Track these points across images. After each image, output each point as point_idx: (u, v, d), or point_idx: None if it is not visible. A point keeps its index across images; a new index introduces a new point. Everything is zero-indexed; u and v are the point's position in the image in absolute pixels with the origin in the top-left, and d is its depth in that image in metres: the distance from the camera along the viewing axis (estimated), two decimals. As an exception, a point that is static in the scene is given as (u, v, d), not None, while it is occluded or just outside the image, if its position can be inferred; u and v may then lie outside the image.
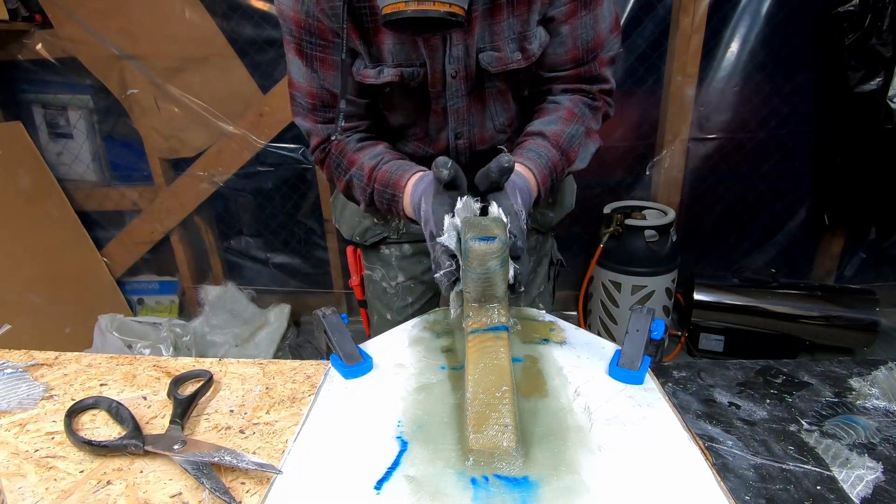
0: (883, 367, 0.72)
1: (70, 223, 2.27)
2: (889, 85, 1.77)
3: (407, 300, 1.15)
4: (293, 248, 2.42)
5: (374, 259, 1.14)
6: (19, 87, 2.18)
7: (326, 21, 0.78)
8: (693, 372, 0.74)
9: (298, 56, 0.82)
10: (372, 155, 0.86)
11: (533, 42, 0.81)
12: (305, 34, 0.80)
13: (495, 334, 0.68)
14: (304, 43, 0.80)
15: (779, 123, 2.05)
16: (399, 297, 1.14)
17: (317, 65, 0.82)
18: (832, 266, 2.25)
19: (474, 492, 0.52)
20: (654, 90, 2.07)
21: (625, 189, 2.23)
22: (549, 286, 1.20)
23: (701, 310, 2.06)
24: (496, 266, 0.66)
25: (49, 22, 2.01)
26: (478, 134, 0.91)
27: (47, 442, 0.61)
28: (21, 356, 0.78)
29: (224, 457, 0.55)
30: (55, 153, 2.26)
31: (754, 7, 1.89)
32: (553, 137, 0.84)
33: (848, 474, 0.55)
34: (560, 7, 0.80)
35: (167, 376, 0.73)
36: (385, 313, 1.17)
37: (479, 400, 0.60)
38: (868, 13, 1.74)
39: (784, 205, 2.18)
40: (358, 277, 1.27)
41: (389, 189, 0.82)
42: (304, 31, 0.79)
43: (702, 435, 0.61)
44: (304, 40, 0.80)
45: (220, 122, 2.12)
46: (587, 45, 0.83)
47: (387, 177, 0.82)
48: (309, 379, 0.72)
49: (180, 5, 1.96)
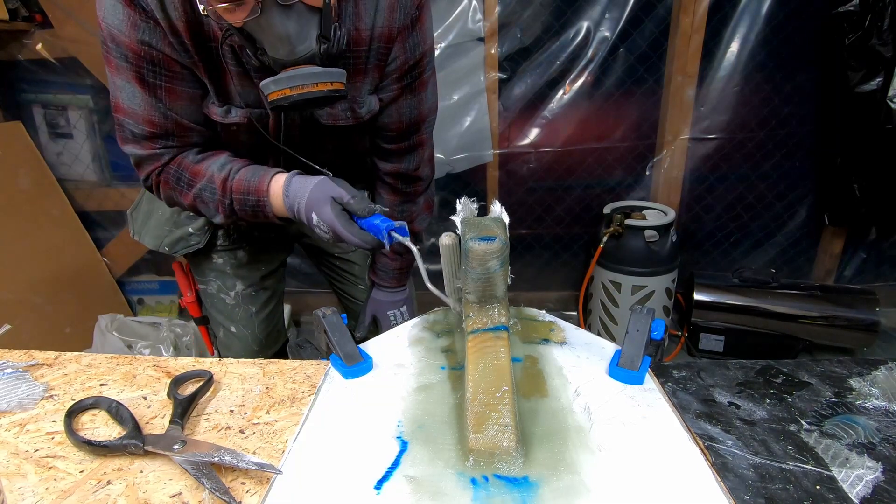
0: (883, 367, 0.72)
1: (70, 223, 2.26)
2: (889, 85, 1.77)
3: (251, 309, 1.14)
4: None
5: (207, 271, 1.11)
6: (19, 87, 2.18)
7: (173, 54, 0.78)
8: (693, 372, 0.74)
9: (137, 83, 0.79)
10: (219, 166, 0.85)
11: (362, 108, 0.90)
12: (147, 63, 0.78)
13: (495, 334, 0.68)
14: (146, 71, 0.78)
15: (779, 123, 2.05)
16: (241, 308, 1.12)
17: (162, 94, 0.80)
18: (832, 266, 2.25)
19: (474, 492, 0.52)
20: (654, 90, 2.07)
21: (625, 189, 2.23)
22: None
23: (701, 310, 2.06)
24: (496, 266, 0.66)
25: (49, 22, 2.01)
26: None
27: (47, 442, 0.61)
28: (21, 356, 0.78)
29: (224, 457, 0.55)
30: (55, 153, 2.26)
31: (754, 7, 1.89)
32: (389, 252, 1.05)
33: (847, 474, 0.55)
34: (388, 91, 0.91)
35: (167, 376, 0.73)
36: (230, 326, 1.14)
37: (479, 400, 0.60)
38: (868, 13, 1.74)
39: (784, 205, 2.18)
40: (192, 294, 1.22)
41: (252, 196, 0.83)
42: (144, 60, 0.77)
43: (701, 435, 0.61)
44: (144, 69, 0.78)
45: (220, 122, 2.12)
46: (411, 120, 0.95)
47: (244, 185, 0.83)
48: (309, 379, 0.72)
49: (180, 5, 1.96)
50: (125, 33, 0.75)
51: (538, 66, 2.03)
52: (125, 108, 0.81)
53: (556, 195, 2.24)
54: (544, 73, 2.03)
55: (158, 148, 0.85)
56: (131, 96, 0.80)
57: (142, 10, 0.73)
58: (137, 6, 0.73)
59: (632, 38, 1.98)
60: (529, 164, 2.18)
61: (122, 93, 0.80)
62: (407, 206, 1.07)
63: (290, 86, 0.71)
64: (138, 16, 0.74)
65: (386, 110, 0.93)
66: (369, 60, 0.86)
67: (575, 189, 2.23)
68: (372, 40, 0.84)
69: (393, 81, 0.90)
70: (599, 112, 2.10)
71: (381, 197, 1.07)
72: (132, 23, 0.74)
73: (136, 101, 0.80)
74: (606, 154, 2.16)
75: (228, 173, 0.84)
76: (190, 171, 0.86)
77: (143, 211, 1.11)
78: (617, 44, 1.98)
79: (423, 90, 0.93)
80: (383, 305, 1.12)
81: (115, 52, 0.77)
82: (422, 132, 0.99)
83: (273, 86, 0.72)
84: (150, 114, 0.81)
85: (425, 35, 0.88)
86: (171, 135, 0.84)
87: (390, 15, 0.83)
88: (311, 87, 0.71)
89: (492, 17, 1.93)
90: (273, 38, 0.69)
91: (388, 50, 0.86)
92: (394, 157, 1.01)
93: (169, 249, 1.07)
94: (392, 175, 1.03)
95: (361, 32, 0.82)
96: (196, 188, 0.86)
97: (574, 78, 2.04)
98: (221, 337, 1.17)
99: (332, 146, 0.96)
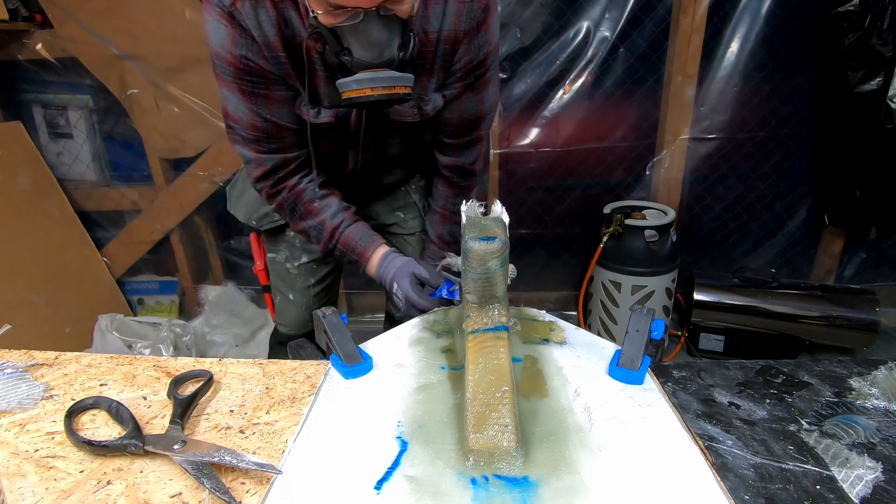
0: (883, 367, 0.72)
1: (70, 223, 2.26)
2: (889, 85, 1.77)
3: (309, 281, 1.25)
4: (293, 248, 2.42)
5: (279, 241, 1.23)
6: (19, 87, 2.18)
7: (267, 65, 0.87)
8: (693, 372, 0.74)
9: (239, 93, 0.89)
10: (331, 213, 1.02)
11: (428, 105, 0.97)
12: (246, 75, 0.87)
13: (495, 334, 0.68)
14: (246, 82, 0.88)
15: (779, 123, 2.05)
16: (301, 278, 1.24)
17: (260, 101, 0.90)
18: (832, 266, 2.25)
19: (474, 492, 0.52)
20: (654, 90, 2.07)
21: (625, 189, 2.23)
22: None
23: (701, 310, 2.06)
24: (496, 266, 0.66)
25: (49, 22, 2.01)
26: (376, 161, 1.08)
27: (47, 442, 0.61)
28: (21, 356, 0.78)
29: (224, 457, 0.55)
30: (55, 153, 2.26)
31: (754, 7, 1.89)
32: (437, 239, 1.19)
33: (847, 474, 0.55)
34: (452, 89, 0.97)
35: (167, 376, 0.73)
36: (288, 293, 1.26)
37: (479, 400, 0.60)
38: (868, 13, 1.74)
39: (784, 205, 2.18)
40: (262, 263, 1.34)
41: (354, 255, 1.02)
42: (243, 73, 0.87)
43: (701, 434, 0.61)
44: (245, 80, 0.88)
45: (221, 121, 2.11)
46: (471, 117, 1.02)
47: (350, 243, 1.02)
48: (309, 379, 0.72)
49: (180, 5, 1.96)
50: (227, 49, 0.84)
51: (538, 66, 2.03)
52: (233, 115, 0.92)
53: (556, 195, 2.24)
54: (544, 73, 2.03)
55: (263, 151, 0.96)
56: (236, 105, 0.91)
57: (241, 29, 0.82)
58: (237, 26, 0.82)
59: (632, 38, 1.98)
60: (529, 163, 2.18)
61: (229, 102, 0.91)
62: (460, 199, 1.12)
63: (372, 86, 0.79)
64: (238, 34, 0.83)
65: (449, 106, 0.99)
66: (436, 61, 0.92)
67: (575, 189, 2.22)
68: (439, 43, 0.90)
69: (457, 80, 0.96)
70: (599, 112, 2.10)
71: (438, 190, 1.15)
72: (232, 40, 0.83)
73: (241, 109, 0.91)
74: (606, 154, 2.16)
75: (339, 224, 1.01)
76: (305, 207, 1.02)
77: (238, 188, 1.25)
78: (617, 44, 1.98)
79: (484, 89, 0.99)
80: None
81: (220, 67, 0.87)
82: (481, 128, 1.05)
83: (355, 84, 0.79)
84: (252, 119, 0.91)
85: (490, 37, 0.93)
86: (272, 136, 0.94)
87: (457, 19, 0.88)
88: (389, 89, 0.79)
89: (492, 17, 1.93)
90: (365, 42, 0.76)
91: (454, 52, 0.92)
92: (453, 150, 1.07)
93: (256, 223, 1.20)
94: (449, 168, 1.10)
95: (429, 35, 0.89)
96: (307, 224, 1.03)
97: (574, 78, 2.03)
98: (278, 303, 1.29)
99: (399, 140, 1.05)
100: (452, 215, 1.16)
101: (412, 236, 1.29)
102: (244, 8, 0.81)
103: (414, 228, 1.28)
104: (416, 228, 1.28)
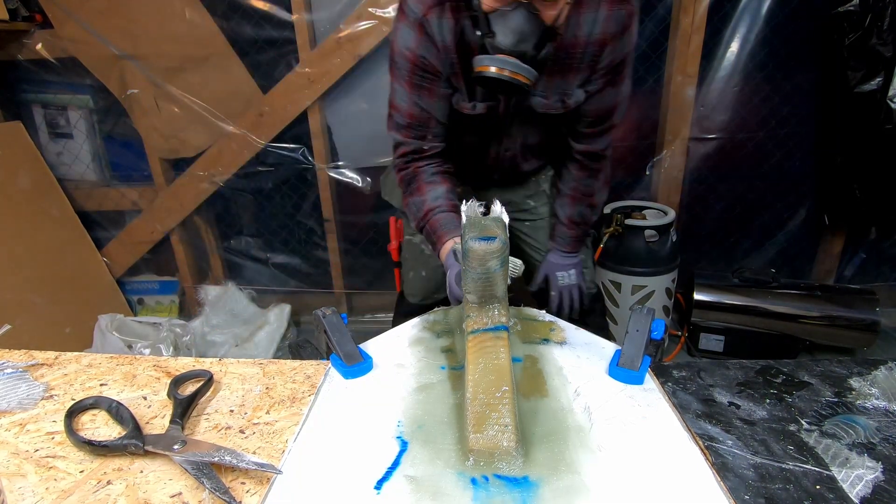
0: (883, 367, 0.72)
1: (70, 223, 2.26)
2: (889, 85, 1.77)
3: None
4: (293, 248, 2.41)
5: None
6: (19, 87, 2.18)
7: (439, 65, 1.03)
8: (693, 372, 0.74)
9: (407, 86, 1.05)
10: (434, 196, 1.13)
11: (571, 98, 1.09)
12: (419, 71, 1.03)
13: (495, 334, 0.68)
14: (417, 77, 1.04)
15: (779, 123, 2.05)
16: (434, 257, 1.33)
17: (424, 93, 1.06)
18: (832, 266, 2.25)
19: (474, 492, 0.52)
20: (654, 90, 2.06)
21: (625, 189, 2.22)
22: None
23: (701, 310, 2.06)
24: (496, 266, 0.66)
25: (49, 22, 2.01)
26: (518, 150, 1.23)
27: (47, 442, 0.61)
28: (21, 356, 0.78)
29: (224, 457, 0.55)
30: (55, 153, 2.26)
31: (754, 7, 1.89)
32: (567, 221, 1.30)
33: (847, 474, 0.55)
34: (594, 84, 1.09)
35: (167, 376, 0.73)
36: (420, 270, 1.44)
37: (479, 400, 0.60)
38: (868, 13, 1.74)
39: (784, 205, 2.18)
40: (396, 243, 1.59)
41: (433, 237, 1.12)
42: (418, 69, 1.03)
43: (701, 434, 0.61)
44: (416, 75, 1.04)
45: (220, 121, 2.11)
46: (608, 108, 1.13)
47: (436, 227, 1.11)
48: (309, 379, 0.72)
49: (180, 5, 1.96)
50: (410, 50, 1.01)
51: (538, 66, 2.03)
52: (396, 104, 1.09)
53: (556, 195, 2.24)
54: (544, 73, 2.03)
55: (410, 137, 1.12)
56: (402, 96, 1.07)
57: (427, 36, 1.00)
58: (424, 33, 1.00)
59: (632, 37, 1.98)
60: (529, 164, 2.17)
61: (397, 94, 1.08)
62: (590, 181, 1.27)
63: (499, 66, 0.90)
64: (423, 39, 1.00)
65: (589, 99, 1.11)
66: (583, 61, 1.04)
67: (575, 189, 2.22)
68: (588, 45, 1.02)
69: (599, 77, 1.07)
70: (599, 112, 2.09)
71: (570, 173, 1.27)
72: (417, 43, 1.01)
73: (405, 98, 1.07)
74: (606, 154, 2.15)
75: (435, 208, 1.11)
76: (417, 185, 1.14)
77: (391, 178, 1.36)
78: (617, 44, 1.98)
79: (622, 83, 1.10)
80: (555, 267, 1.35)
81: (399, 63, 1.04)
82: (614, 118, 1.16)
83: (487, 61, 0.91)
84: (411, 108, 1.08)
85: (632, 38, 1.04)
86: (422, 124, 1.10)
87: (606, 25, 1.00)
88: (514, 73, 0.90)
89: (492, 17, 1.93)
90: (508, 29, 0.87)
91: (601, 52, 1.03)
92: (588, 138, 1.19)
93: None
94: (583, 154, 1.23)
95: (579, 39, 1.01)
96: (413, 199, 1.15)
97: (574, 78, 2.03)
98: (410, 278, 1.47)
99: (539, 130, 1.19)
100: (583, 196, 1.28)
101: (542, 221, 1.42)
102: (432, 19, 0.99)
103: (544, 214, 1.41)
104: (545, 214, 1.41)
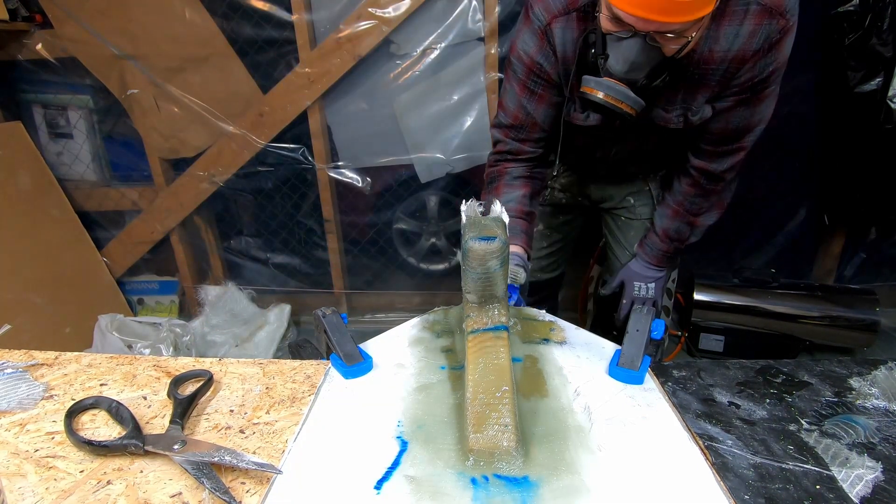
0: (883, 367, 0.72)
1: (70, 223, 2.26)
2: (889, 85, 1.77)
3: (542, 244, 1.46)
4: (293, 248, 2.41)
5: None
6: (19, 87, 2.17)
7: (553, 74, 1.02)
8: (693, 372, 0.74)
9: (519, 88, 1.06)
10: (507, 199, 1.12)
11: (695, 115, 1.02)
12: (533, 76, 1.03)
13: (495, 334, 0.68)
14: (530, 82, 1.04)
15: (779, 123, 2.04)
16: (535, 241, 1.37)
17: (533, 98, 1.06)
18: (832, 266, 2.24)
19: (474, 492, 0.52)
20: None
21: (625, 189, 2.22)
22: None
23: (701, 310, 2.06)
24: (496, 266, 0.66)
25: (49, 22, 2.01)
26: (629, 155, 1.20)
27: (47, 442, 0.61)
28: (21, 356, 0.77)
29: (224, 457, 0.55)
30: (55, 153, 2.26)
31: (754, 7, 1.89)
32: (662, 232, 1.24)
33: (847, 474, 0.55)
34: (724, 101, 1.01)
35: (167, 376, 0.73)
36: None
37: (479, 400, 0.60)
38: (868, 13, 1.74)
39: (784, 205, 2.17)
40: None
41: None
42: (533, 74, 1.03)
43: (701, 434, 0.61)
44: (530, 80, 1.04)
45: (220, 122, 2.11)
46: (737, 128, 1.05)
47: None
48: (309, 379, 0.72)
49: (180, 5, 1.96)
50: (529, 55, 1.01)
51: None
52: (504, 104, 1.10)
53: (556, 195, 2.23)
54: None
55: (510, 137, 1.12)
56: (512, 97, 1.08)
57: (548, 43, 0.99)
58: (547, 41, 0.99)
59: (632, 38, 1.97)
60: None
61: (507, 94, 1.09)
62: (699, 199, 1.19)
63: (605, 92, 0.89)
64: (545, 45, 1.00)
65: (716, 117, 1.03)
66: (714, 77, 0.96)
67: (575, 189, 2.22)
68: (724, 61, 0.94)
69: (732, 94, 1.00)
70: (599, 112, 2.09)
71: (681, 186, 1.19)
72: (538, 49, 1.00)
73: (514, 100, 1.08)
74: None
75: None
76: (497, 185, 1.14)
77: None
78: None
79: (759, 104, 1.02)
80: (635, 276, 1.30)
81: (516, 66, 1.04)
82: (744, 140, 1.08)
83: (594, 84, 0.91)
84: (517, 110, 1.08)
85: (780, 55, 0.95)
86: (524, 128, 1.10)
87: (749, 40, 0.91)
88: (618, 102, 0.89)
89: (492, 17, 1.92)
90: (621, 56, 0.85)
91: (738, 70, 0.95)
92: (708, 156, 1.12)
93: None
94: (699, 170, 1.15)
95: (714, 54, 0.93)
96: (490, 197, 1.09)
97: (574, 78, 2.03)
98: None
99: (656, 139, 1.14)
100: (687, 214, 1.21)
101: (637, 221, 1.35)
102: (556, 28, 0.97)
103: (641, 215, 1.34)
104: (643, 216, 1.33)
